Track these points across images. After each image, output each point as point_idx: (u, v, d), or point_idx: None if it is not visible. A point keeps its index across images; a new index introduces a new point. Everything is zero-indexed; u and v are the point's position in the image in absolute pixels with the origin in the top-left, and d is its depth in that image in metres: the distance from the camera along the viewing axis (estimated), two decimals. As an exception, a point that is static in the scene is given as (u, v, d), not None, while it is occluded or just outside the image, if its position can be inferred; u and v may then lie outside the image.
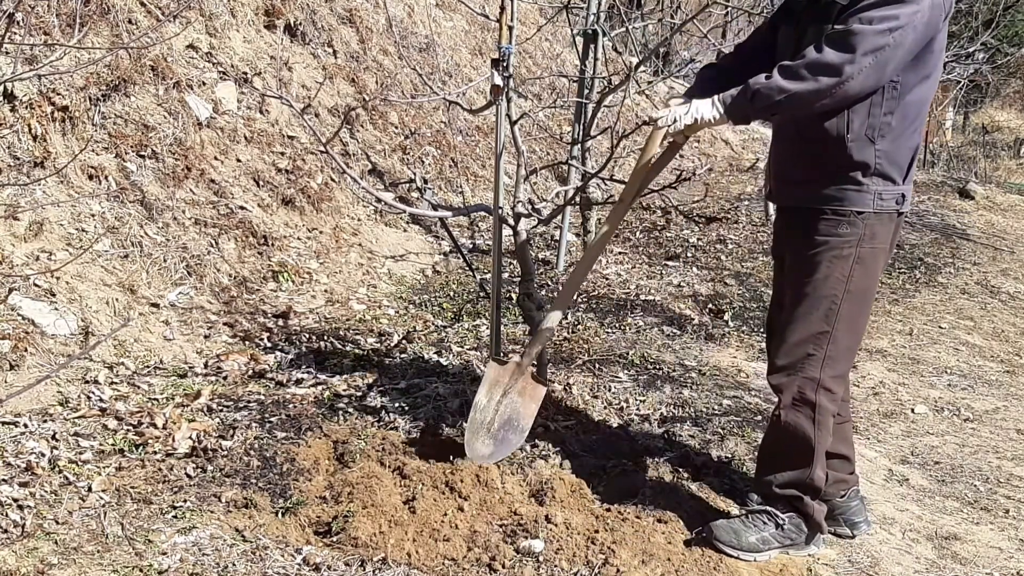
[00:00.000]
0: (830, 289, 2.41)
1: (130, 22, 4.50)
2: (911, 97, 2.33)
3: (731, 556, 2.47)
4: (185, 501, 2.54)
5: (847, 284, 2.40)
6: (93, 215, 3.80)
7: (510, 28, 2.90)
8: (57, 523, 2.39)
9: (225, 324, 3.81)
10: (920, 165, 11.47)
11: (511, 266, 4.81)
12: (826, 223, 2.40)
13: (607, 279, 5.16)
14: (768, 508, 2.54)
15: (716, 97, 2.40)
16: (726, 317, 4.68)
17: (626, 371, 3.81)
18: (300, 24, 5.75)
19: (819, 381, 2.44)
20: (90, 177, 3.91)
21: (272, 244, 4.51)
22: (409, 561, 2.37)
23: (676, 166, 3.35)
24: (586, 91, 4.86)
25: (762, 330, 4.33)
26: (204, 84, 4.80)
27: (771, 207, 6.34)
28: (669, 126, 2.45)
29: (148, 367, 3.36)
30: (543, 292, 4.76)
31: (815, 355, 2.44)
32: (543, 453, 2.97)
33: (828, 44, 2.22)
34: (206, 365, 3.48)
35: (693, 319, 4.62)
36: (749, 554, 2.48)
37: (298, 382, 3.41)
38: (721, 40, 9.22)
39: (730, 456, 3.11)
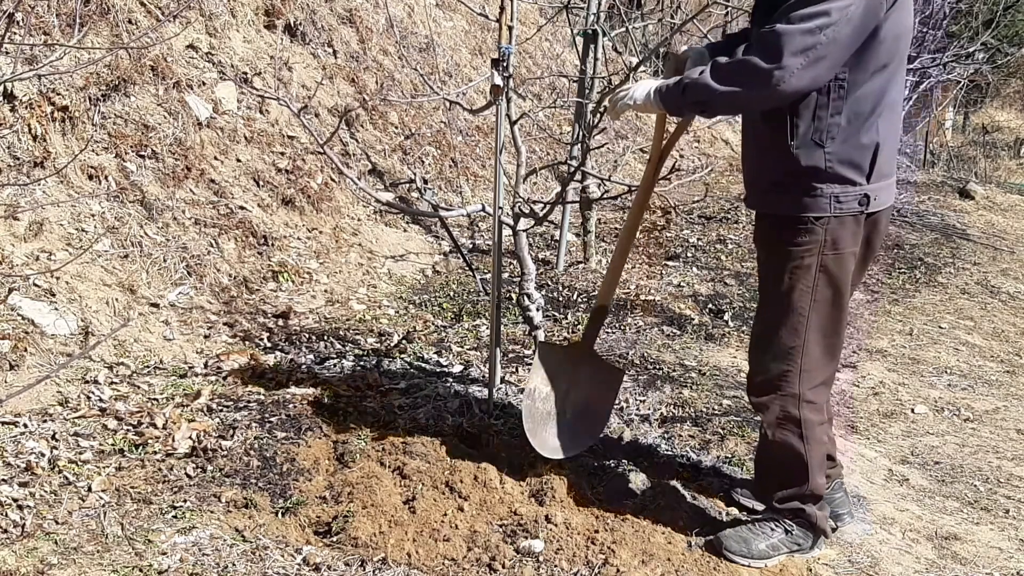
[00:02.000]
0: (795, 302, 2.33)
1: (130, 22, 4.50)
2: (862, 92, 2.22)
3: (742, 565, 2.45)
4: (185, 501, 2.54)
5: (813, 295, 2.32)
6: (93, 215, 3.80)
7: (510, 28, 2.90)
8: (57, 523, 2.39)
9: (225, 324, 3.81)
10: (920, 165, 11.46)
11: (511, 266, 4.81)
12: (787, 231, 2.32)
13: (607, 279, 5.15)
14: (774, 515, 2.54)
15: (655, 85, 2.37)
16: (726, 317, 4.68)
17: (626, 371, 3.81)
18: (300, 24, 5.75)
19: (800, 396, 2.39)
20: (90, 177, 3.91)
21: (272, 244, 4.51)
22: (409, 561, 2.37)
23: (673, 164, 3.36)
24: (586, 91, 4.86)
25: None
26: (204, 84, 4.80)
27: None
28: (610, 108, 2.50)
29: (148, 367, 3.36)
30: (543, 292, 4.76)
31: (790, 370, 2.37)
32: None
33: (756, 46, 2.15)
34: (206, 365, 3.48)
35: (693, 319, 4.62)
36: (760, 561, 2.46)
37: (298, 382, 3.40)
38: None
39: (730, 456, 3.11)
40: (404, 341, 3.94)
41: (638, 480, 2.85)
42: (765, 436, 2.47)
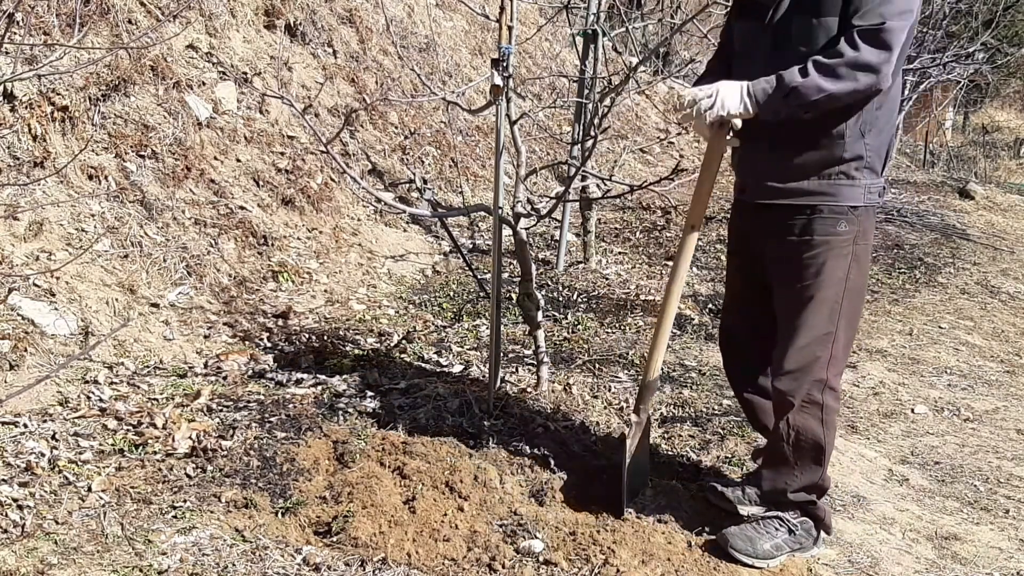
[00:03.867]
0: (832, 290, 2.39)
1: (130, 22, 4.50)
2: (894, 90, 2.33)
3: (746, 564, 2.45)
4: (185, 501, 2.54)
5: (847, 283, 2.39)
6: (93, 215, 3.80)
7: (510, 28, 2.90)
8: (57, 523, 2.39)
9: (225, 324, 3.81)
10: (920, 165, 11.47)
11: (511, 266, 4.80)
12: (823, 222, 2.36)
13: (607, 279, 5.16)
14: (779, 513, 2.53)
15: (745, 89, 2.30)
16: (726, 317, 4.68)
17: (626, 371, 3.81)
18: (300, 24, 5.75)
19: (825, 381, 2.43)
20: (90, 177, 3.91)
21: (272, 244, 4.51)
22: (409, 561, 2.37)
23: (676, 165, 3.36)
24: (586, 91, 4.86)
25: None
26: (204, 84, 4.80)
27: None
28: (689, 122, 2.38)
29: (148, 367, 3.36)
30: (543, 292, 4.76)
31: (821, 357, 2.42)
32: (543, 453, 2.97)
33: (864, 41, 2.17)
34: (206, 365, 3.48)
35: (693, 319, 4.62)
36: (763, 561, 2.46)
37: (298, 382, 3.41)
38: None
39: (730, 456, 3.11)
40: (404, 341, 3.94)
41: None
42: (783, 424, 2.45)
